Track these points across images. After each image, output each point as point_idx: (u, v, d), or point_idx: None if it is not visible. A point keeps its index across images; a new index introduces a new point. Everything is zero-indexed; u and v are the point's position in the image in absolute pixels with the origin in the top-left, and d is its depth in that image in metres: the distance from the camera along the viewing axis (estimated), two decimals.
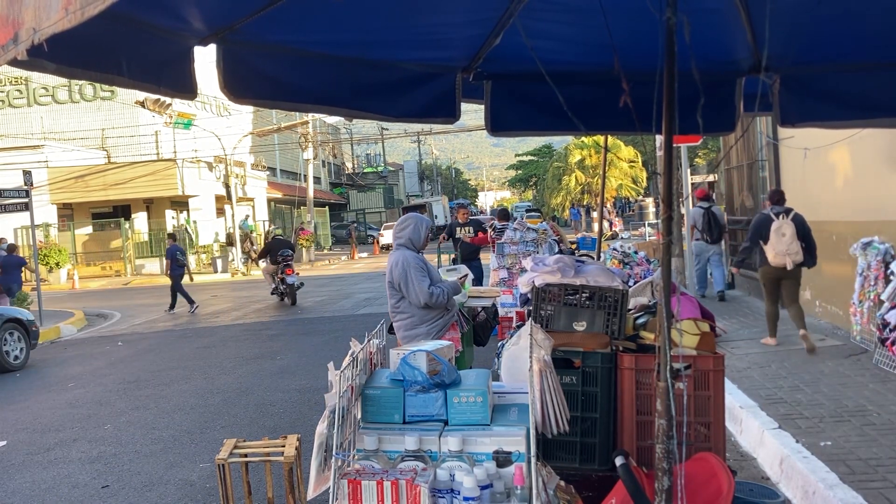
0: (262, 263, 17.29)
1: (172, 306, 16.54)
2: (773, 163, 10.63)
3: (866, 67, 3.31)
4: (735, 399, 5.76)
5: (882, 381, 6.13)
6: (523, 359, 2.65)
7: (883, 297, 6.64)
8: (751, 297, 11.25)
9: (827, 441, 4.80)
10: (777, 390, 6.07)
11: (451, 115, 3.52)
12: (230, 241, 30.43)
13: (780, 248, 7.43)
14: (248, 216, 35.80)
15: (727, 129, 3.77)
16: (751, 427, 5.36)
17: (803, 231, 7.50)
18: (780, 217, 7.50)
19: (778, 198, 7.84)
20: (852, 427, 5.06)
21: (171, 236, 18.45)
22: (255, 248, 27.92)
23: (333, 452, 2.36)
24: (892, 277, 6.57)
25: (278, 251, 16.30)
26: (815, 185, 9.12)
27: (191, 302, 16.17)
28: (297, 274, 16.95)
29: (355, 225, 44.24)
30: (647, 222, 27.66)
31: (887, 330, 6.38)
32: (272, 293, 17.08)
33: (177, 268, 16.26)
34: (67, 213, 30.26)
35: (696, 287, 11.85)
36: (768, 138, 10.81)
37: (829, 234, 8.69)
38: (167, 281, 16.54)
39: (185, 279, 17.32)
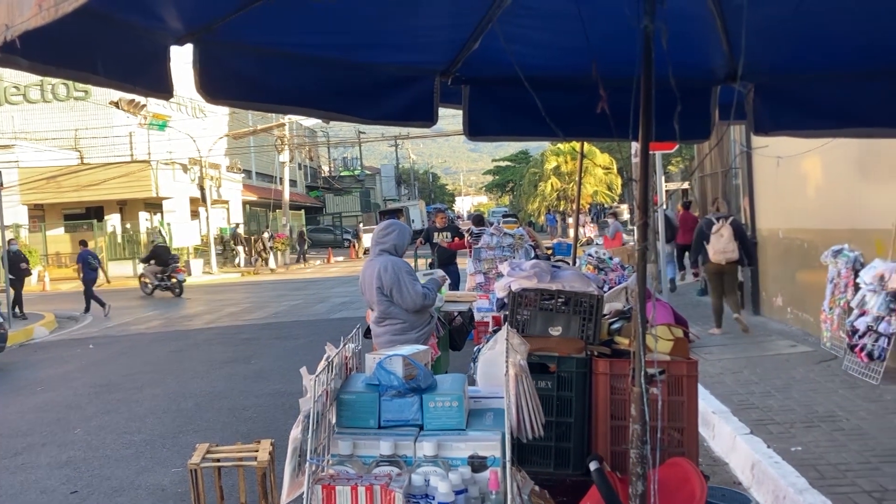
0: (146, 266, 20.60)
1: (87, 309, 16.95)
2: (747, 171, 10.75)
3: (839, 77, 3.35)
4: (708, 404, 5.81)
5: (851, 387, 6.23)
6: (499, 363, 2.65)
7: (852, 305, 6.75)
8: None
9: (798, 446, 4.86)
10: (749, 396, 6.14)
11: (429, 118, 3.51)
12: (237, 242, 32.85)
13: (717, 247, 8.84)
14: (238, 224, 36.72)
15: (702, 137, 3.79)
16: (723, 432, 5.41)
17: (739, 234, 8.95)
18: (720, 221, 8.92)
19: (719, 206, 9.67)
20: (822, 432, 5.12)
21: (83, 242, 19.08)
22: (269, 246, 32.17)
23: (308, 457, 2.33)
24: (860, 285, 6.67)
25: (167, 256, 20.36)
26: (788, 193, 9.25)
27: (102, 305, 16.68)
28: (184, 273, 21.60)
29: (361, 225, 44.37)
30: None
31: (856, 336, 6.48)
32: (153, 289, 20.11)
33: (89, 272, 16.91)
34: (39, 213, 29.82)
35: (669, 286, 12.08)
36: (742, 147, 10.95)
37: (800, 241, 8.81)
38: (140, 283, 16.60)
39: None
